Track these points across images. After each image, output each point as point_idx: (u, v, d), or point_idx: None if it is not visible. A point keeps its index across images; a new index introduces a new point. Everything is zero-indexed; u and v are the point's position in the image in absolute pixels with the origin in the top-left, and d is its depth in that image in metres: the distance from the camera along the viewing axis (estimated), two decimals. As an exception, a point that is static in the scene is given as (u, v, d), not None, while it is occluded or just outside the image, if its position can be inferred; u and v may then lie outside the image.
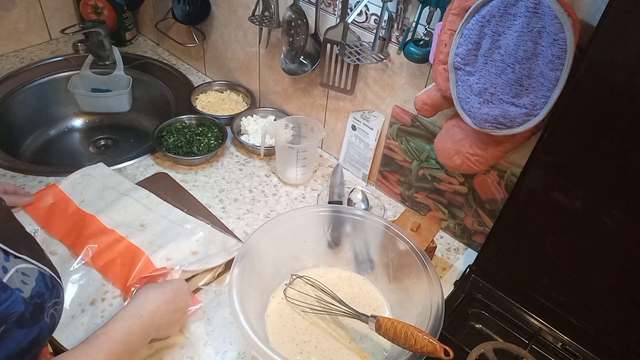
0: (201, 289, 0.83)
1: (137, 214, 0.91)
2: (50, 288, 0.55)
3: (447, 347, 0.63)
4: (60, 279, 0.59)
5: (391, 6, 0.83)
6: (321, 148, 1.19)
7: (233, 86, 1.31)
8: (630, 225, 0.67)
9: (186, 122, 1.16)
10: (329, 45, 0.95)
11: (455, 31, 0.70)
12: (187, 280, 0.81)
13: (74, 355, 0.58)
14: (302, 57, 1.03)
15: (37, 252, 0.58)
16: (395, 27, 0.86)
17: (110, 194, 0.94)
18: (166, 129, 1.13)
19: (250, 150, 1.15)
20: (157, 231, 0.88)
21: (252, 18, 1.06)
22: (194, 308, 0.79)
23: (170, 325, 0.73)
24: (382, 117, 0.99)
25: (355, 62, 0.90)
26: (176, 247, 0.84)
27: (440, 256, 0.96)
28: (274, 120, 1.20)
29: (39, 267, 0.55)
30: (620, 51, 0.59)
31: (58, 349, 0.70)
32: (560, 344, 0.79)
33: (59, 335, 0.71)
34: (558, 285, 0.79)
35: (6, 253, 0.52)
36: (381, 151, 1.03)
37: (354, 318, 0.74)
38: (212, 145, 1.12)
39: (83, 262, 0.80)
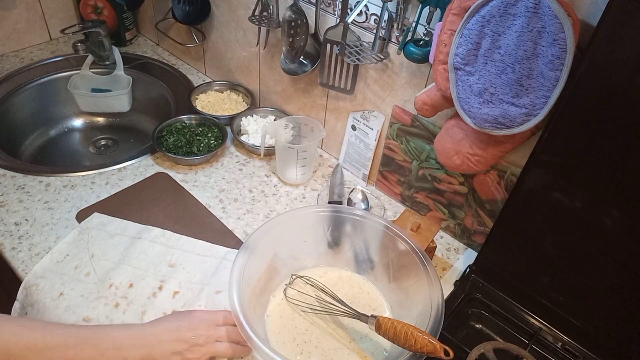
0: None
1: (160, 255, 0.86)
2: None
3: (447, 347, 0.63)
4: None
5: (391, 6, 0.83)
6: (321, 148, 1.19)
7: (233, 86, 1.31)
8: (630, 225, 0.67)
9: (186, 122, 1.16)
10: (329, 45, 0.95)
11: (455, 31, 0.70)
12: None
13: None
14: (302, 57, 1.03)
15: None
16: (395, 27, 0.86)
17: (119, 240, 0.88)
18: (166, 129, 1.13)
19: (250, 150, 1.15)
20: (190, 268, 0.85)
21: (252, 18, 1.06)
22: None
23: (166, 352, 0.66)
24: (382, 117, 0.99)
25: (355, 62, 0.90)
26: (219, 278, 0.83)
27: (440, 256, 0.96)
28: (274, 120, 1.20)
29: None
30: (620, 51, 0.59)
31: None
32: (560, 344, 0.79)
33: None
34: (558, 285, 0.79)
35: None
36: (381, 151, 1.03)
37: (354, 318, 0.74)
38: (212, 145, 1.12)
39: None
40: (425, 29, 0.82)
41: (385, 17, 0.84)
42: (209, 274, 0.84)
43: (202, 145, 1.11)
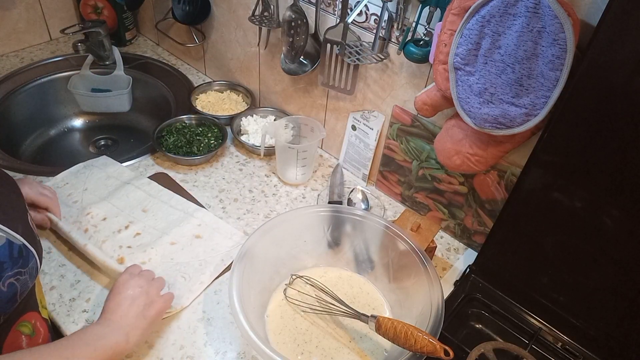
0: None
1: (138, 200, 0.96)
2: (15, 258, 0.54)
3: (447, 347, 0.63)
4: (36, 250, 0.58)
5: (391, 6, 0.83)
6: (321, 148, 1.19)
7: (233, 86, 1.31)
8: (630, 225, 0.67)
9: (186, 122, 1.16)
10: (329, 45, 0.95)
11: (455, 31, 0.70)
12: None
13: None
14: (302, 57, 1.03)
15: (12, 219, 0.56)
16: (395, 27, 0.86)
17: (113, 182, 1.00)
18: (166, 129, 1.13)
19: (250, 150, 1.15)
20: (159, 216, 0.93)
21: (252, 18, 1.06)
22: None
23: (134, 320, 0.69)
24: (382, 117, 0.99)
25: (355, 62, 0.90)
26: (179, 231, 0.90)
27: (440, 256, 0.96)
28: (274, 120, 1.20)
29: (8, 234, 0.54)
30: (620, 51, 0.59)
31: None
32: (560, 344, 0.79)
33: None
34: (558, 285, 0.79)
35: None
36: (381, 151, 1.03)
37: (354, 318, 0.74)
38: (212, 145, 1.12)
39: None
40: (425, 29, 0.82)
41: (385, 17, 0.84)
42: (171, 225, 0.91)
43: (202, 145, 1.11)
